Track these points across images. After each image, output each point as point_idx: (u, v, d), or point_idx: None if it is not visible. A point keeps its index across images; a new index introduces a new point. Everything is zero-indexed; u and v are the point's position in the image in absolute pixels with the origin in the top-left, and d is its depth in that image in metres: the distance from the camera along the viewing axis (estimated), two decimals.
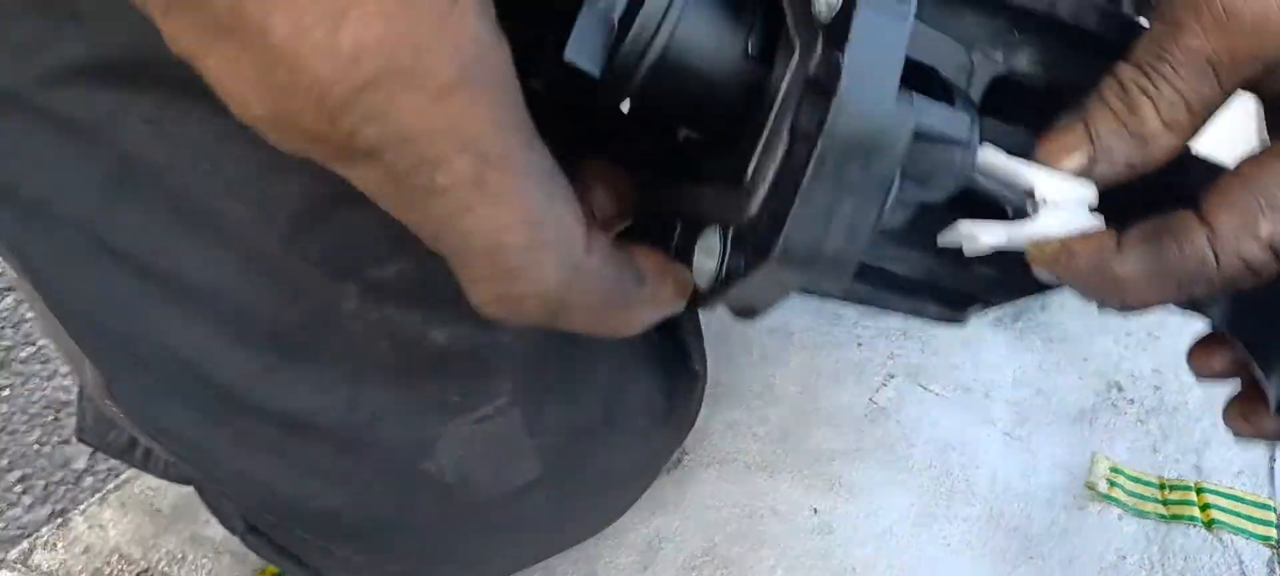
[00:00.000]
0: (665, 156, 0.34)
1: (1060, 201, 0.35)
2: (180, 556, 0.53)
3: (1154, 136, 0.34)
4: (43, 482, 0.77)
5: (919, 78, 0.30)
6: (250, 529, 0.47)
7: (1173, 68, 0.34)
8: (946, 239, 0.34)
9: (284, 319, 0.39)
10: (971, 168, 0.33)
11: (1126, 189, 0.36)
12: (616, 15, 0.29)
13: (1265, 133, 0.37)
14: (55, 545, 0.53)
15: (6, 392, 0.83)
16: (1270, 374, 0.36)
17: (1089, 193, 0.35)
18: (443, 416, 0.42)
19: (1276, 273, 0.33)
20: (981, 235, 0.34)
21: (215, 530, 0.54)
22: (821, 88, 0.27)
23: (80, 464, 0.77)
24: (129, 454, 0.48)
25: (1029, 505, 0.54)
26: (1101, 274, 0.34)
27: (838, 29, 0.27)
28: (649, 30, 0.29)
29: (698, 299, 0.31)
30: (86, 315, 0.40)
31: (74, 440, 0.53)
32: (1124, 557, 0.53)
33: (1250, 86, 0.35)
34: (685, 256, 0.31)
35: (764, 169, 0.29)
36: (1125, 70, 0.35)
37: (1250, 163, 0.33)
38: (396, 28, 0.23)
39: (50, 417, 0.81)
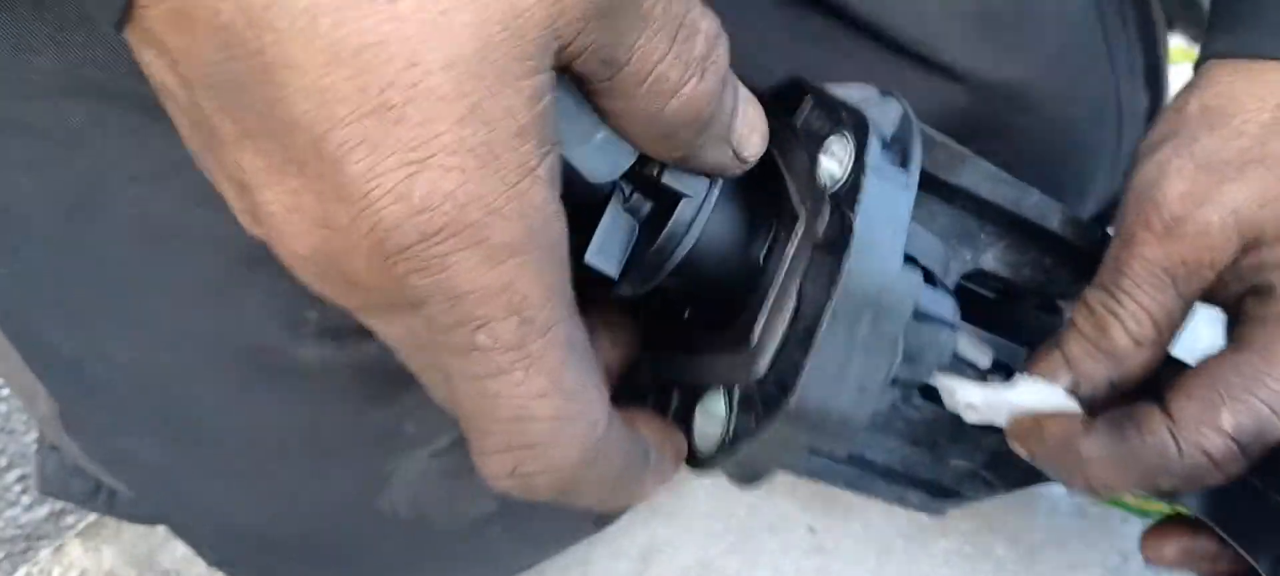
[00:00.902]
0: (667, 327, 0.35)
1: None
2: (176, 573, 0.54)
3: (1126, 354, 0.36)
4: None
5: (907, 261, 0.31)
6: (221, 559, 0.47)
7: (1133, 282, 0.36)
8: (939, 382, 0.36)
9: (246, 340, 0.39)
10: (953, 351, 0.34)
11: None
12: (640, 219, 0.30)
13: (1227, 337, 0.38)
14: (50, 572, 0.53)
15: (6, 392, 0.83)
16: (1259, 557, 0.36)
17: (1067, 404, 0.36)
18: (398, 448, 0.41)
19: (1240, 467, 0.33)
20: (959, 391, 0.36)
21: None
22: (832, 248, 0.28)
23: None
24: (93, 500, 0.48)
25: (1030, 515, 0.53)
26: (1068, 453, 0.35)
27: (847, 194, 0.29)
28: (675, 240, 0.29)
29: (699, 462, 0.31)
30: (42, 338, 0.40)
31: None
32: (1126, 559, 0.53)
33: (1208, 296, 0.36)
34: (683, 420, 0.31)
35: (773, 329, 0.29)
36: (1091, 293, 0.37)
37: (1213, 359, 0.35)
38: (471, 185, 0.23)
39: None
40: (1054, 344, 0.37)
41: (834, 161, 0.30)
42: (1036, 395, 0.37)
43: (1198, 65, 0.41)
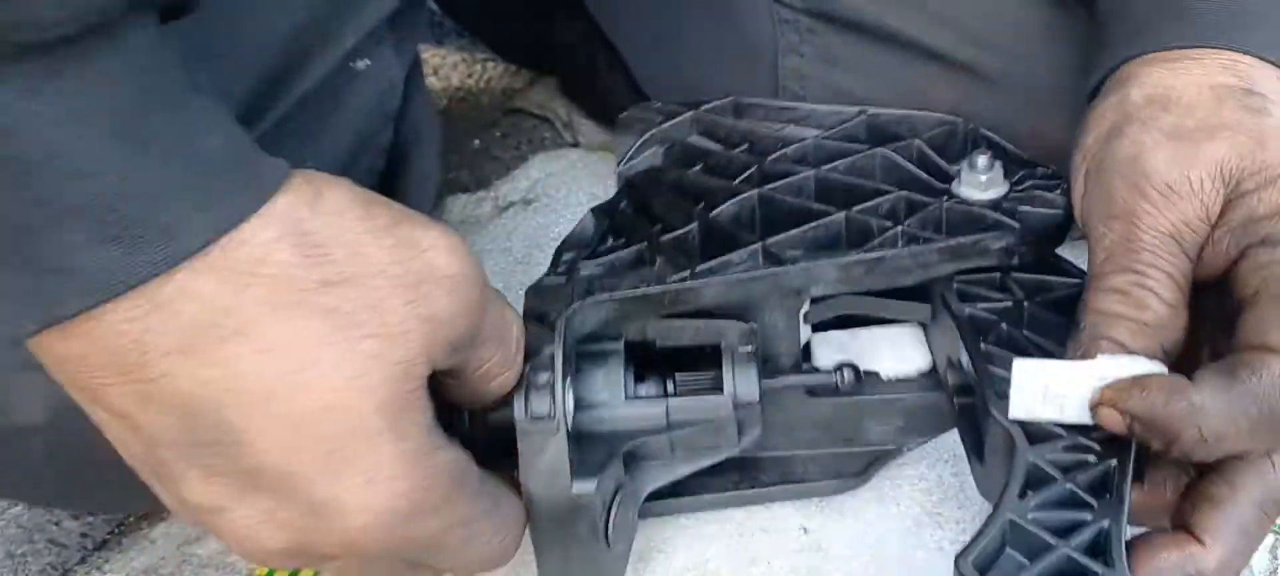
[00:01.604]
0: None
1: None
2: (169, 573, 0.54)
3: (1167, 320, 0.39)
4: None
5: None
6: None
7: (1151, 253, 0.38)
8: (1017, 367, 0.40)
9: None
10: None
11: None
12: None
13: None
14: None
15: None
16: None
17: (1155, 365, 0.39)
18: None
19: None
20: (1042, 373, 0.39)
21: (202, 547, 0.55)
22: None
23: None
24: None
25: None
26: (1176, 406, 0.36)
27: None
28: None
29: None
30: None
31: None
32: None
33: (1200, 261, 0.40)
34: None
35: None
36: (1113, 279, 0.39)
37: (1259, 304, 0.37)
38: (412, 479, 0.33)
39: None
40: (1088, 339, 0.39)
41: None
42: (1122, 367, 0.38)
43: (1106, 76, 0.45)
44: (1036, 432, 0.40)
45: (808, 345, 0.51)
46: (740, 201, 0.50)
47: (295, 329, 0.29)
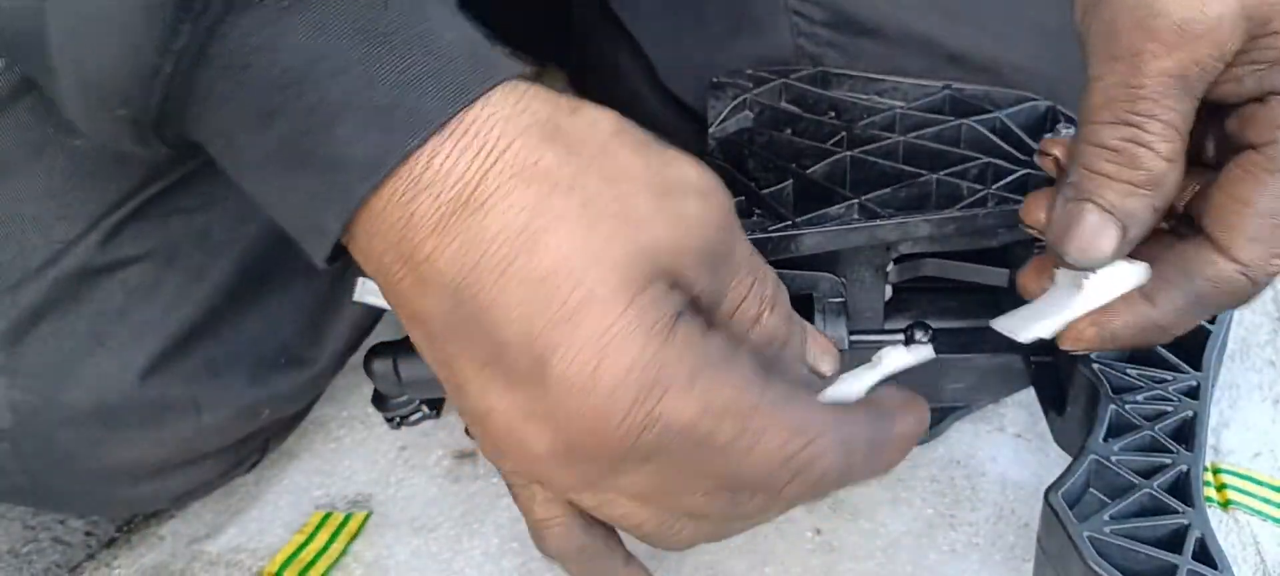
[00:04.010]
0: None
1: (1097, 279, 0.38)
2: (179, 570, 0.54)
3: (1163, 176, 0.35)
4: None
5: None
6: None
7: (1152, 101, 0.34)
8: (998, 325, 0.40)
9: None
10: None
11: None
12: None
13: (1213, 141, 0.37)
14: None
15: None
16: None
17: (1136, 273, 0.37)
18: None
19: None
20: (1021, 331, 0.39)
21: (212, 544, 0.55)
22: None
23: None
24: None
25: (1042, 502, 0.53)
26: (1143, 328, 0.37)
27: None
28: None
29: None
30: None
31: None
32: None
33: (1208, 92, 0.35)
34: None
35: None
36: (1105, 131, 0.35)
37: (1244, 185, 0.34)
38: (647, 351, 0.30)
39: None
40: (1081, 197, 0.36)
41: None
42: (1111, 280, 0.37)
43: None
44: (1120, 384, 0.44)
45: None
46: (833, 161, 0.51)
47: (538, 200, 0.30)
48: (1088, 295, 0.37)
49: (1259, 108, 0.35)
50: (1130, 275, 0.37)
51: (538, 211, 0.30)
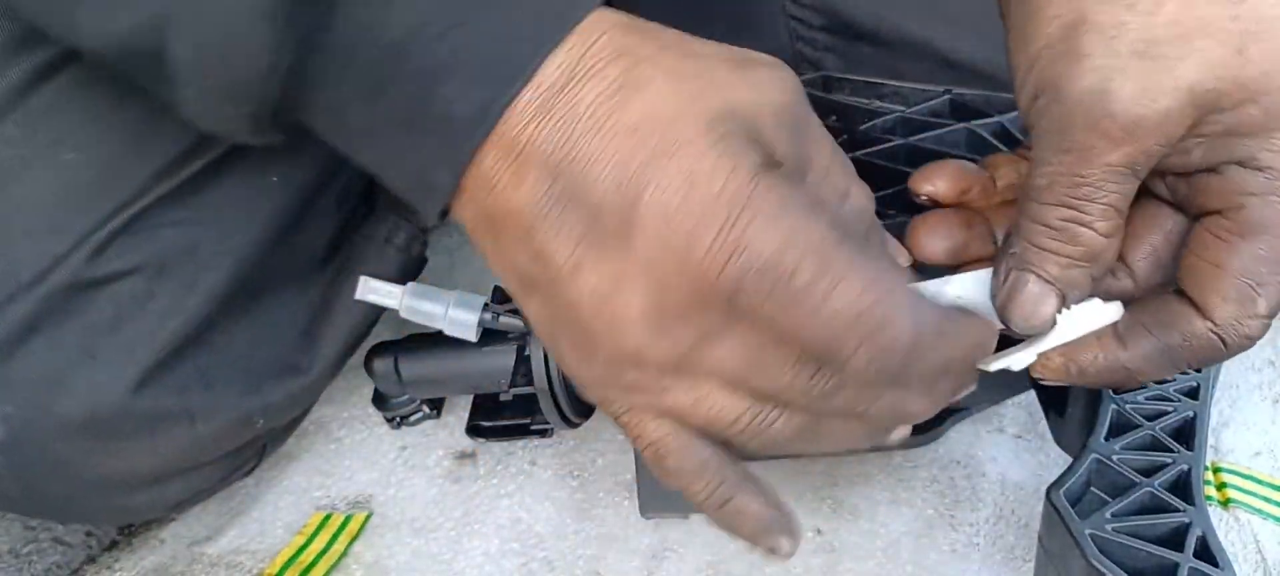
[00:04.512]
0: None
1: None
2: (180, 572, 0.54)
3: (1102, 250, 0.36)
4: None
5: None
6: None
7: (1094, 188, 0.35)
8: (991, 365, 0.39)
9: None
10: None
11: None
12: None
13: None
14: None
15: None
16: None
17: (1109, 313, 0.38)
18: None
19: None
20: (990, 360, 0.38)
21: (212, 546, 0.55)
22: None
23: None
24: None
25: (1042, 502, 0.53)
26: (1111, 368, 0.37)
27: None
28: None
29: None
30: None
31: None
32: None
33: (1158, 168, 0.36)
34: None
35: None
36: (1046, 212, 0.36)
37: (1216, 249, 0.35)
38: (737, 188, 0.31)
39: None
40: (1014, 271, 0.37)
41: None
42: (1083, 318, 0.38)
43: None
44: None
45: None
46: None
47: (629, 71, 0.32)
48: (1058, 330, 0.37)
49: (1213, 178, 0.35)
50: (1103, 314, 0.37)
51: (627, 78, 0.32)
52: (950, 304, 0.37)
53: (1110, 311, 0.38)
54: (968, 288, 0.39)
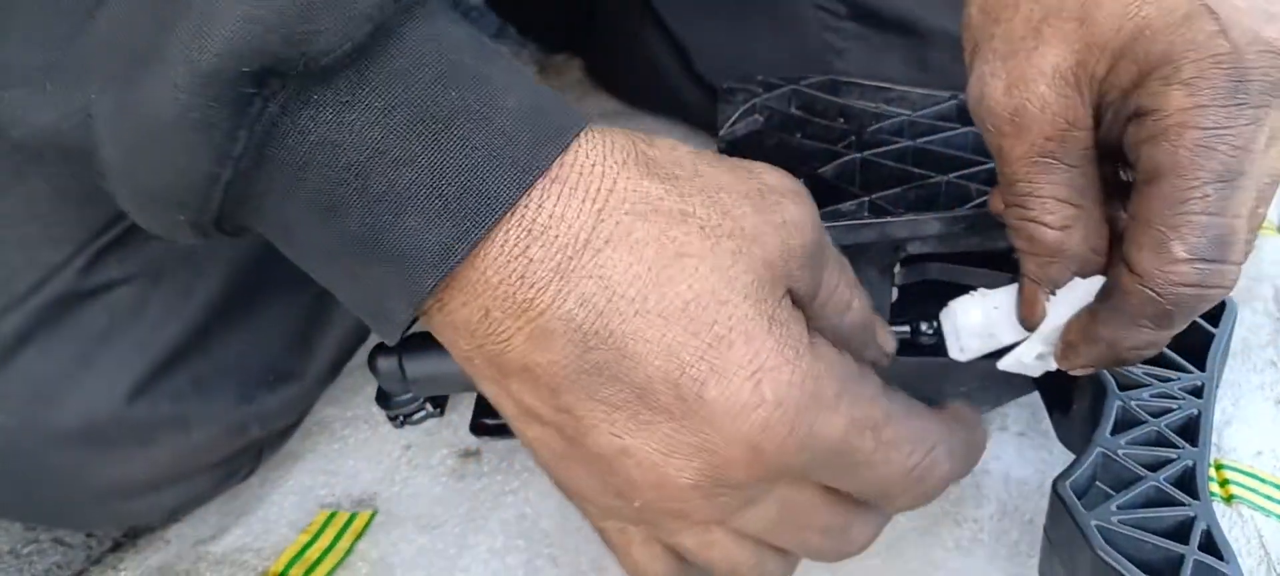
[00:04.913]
0: None
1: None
2: (184, 571, 0.54)
3: (1064, 243, 0.37)
4: None
5: None
6: None
7: (1025, 182, 0.37)
8: (1006, 365, 0.42)
9: None
10: None
11: None
12: None
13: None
14: None
15: None
16: None
17: (1088, 287, 0.38)
18: None
19: (1232, 275, 0.34)
20: (1024, 358, 0.41)
21: (217, 544, 0.55)
22: None
23: None
24: None
25: (1045, 498, 0.53)
26: (1093, 344, 0.38)
27: None
28: None
29: None
30: None
31: None
32: None
33: (1108, 145, 0.37)
34: None
35: None
36: (1007, 216, 0.38)
37: (1143, 200, 0.35)
38: (797, 370, 0.31)
39: None
40: (1022, 278, 0.39)
41: None
42: (1066, 299, 0.38)
43: None
44: (1126, 381, 0.45)
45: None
46: (843, 162, 0.51)
47: (658, 231, 0.31)
48: (1049, 317, 0.39)
49: (1124, 137, 0.36)
50: (1086, 290, 0.38)
51: (661, 244, 0.30)
52: (988, 314, 0.40)
53: (1094, 286, 0.38)
54: (1001, 299, 0.40)
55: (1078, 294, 0.38)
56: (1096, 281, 0.38)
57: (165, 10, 0.27)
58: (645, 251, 0.30)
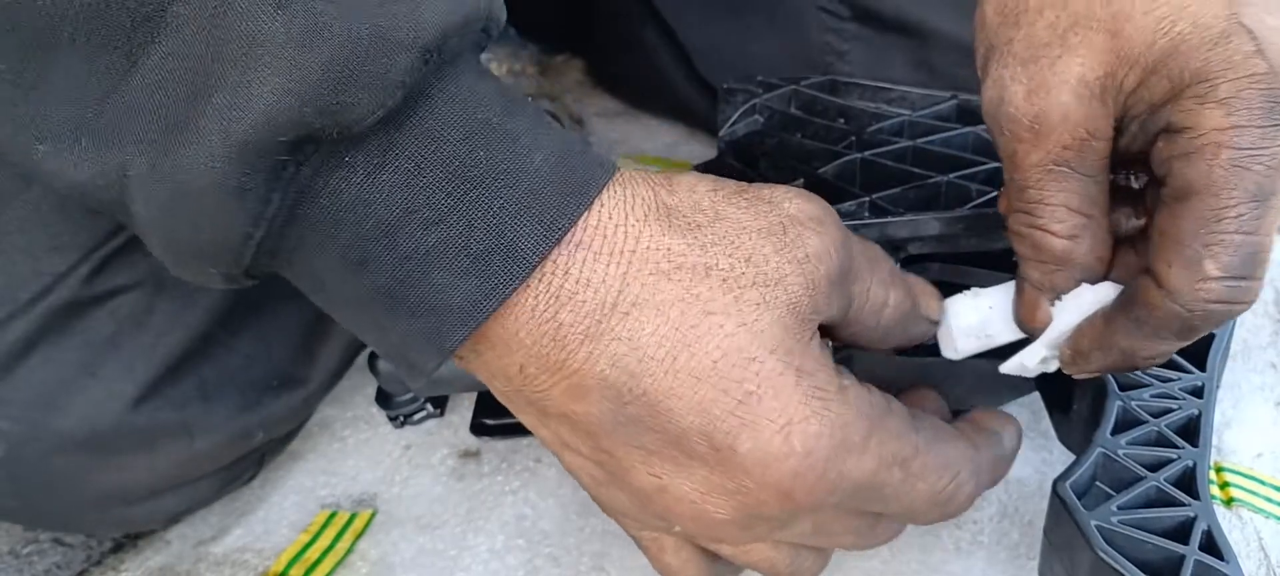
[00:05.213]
0: None
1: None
2: (185, 572, 0.54)
3: (1071, 252, 0.37)
4: None
5: None
6: None
7: (1036, 190, 0.37)
8: (1008, 368, 0.42)
9: None
10: None
11: None
12: None
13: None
14: None
15: None
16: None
17: (1103, 293, 0.38)
18: None
19: (1256, 291, 0.34)
20: (1027, 361, 0.41)
21: (218, 545, 0.55)
22: None
23: None
24: None
25: (1045, 500, 0.53)
26: (1106, 352, 0.38)
27: None
28: None
29: None
30: None
31: None
32: None
33: (1129, 159, 0.37)
34: None
35: None
36: (1012, 222, 0.38)
37: (1175, 216, 0.34)
38: (825, 419, 0.32)
39: None
40: (1021, 280, 0.39)
41: None
42: (1074, 305, 0.38)
43: None
44: (1127, 381, 0.45)
45: None
46: (843, 162, 0.51)
47: (683, 289, 0.31)
48: (1057, 322, 0.39)
49: (1151, 151, 0.36)
50: (1096, 296, 0.38)
51: (686, 304, 0.31)
52: (982, 313, 0.40)
53: (1103, 292, 0.38)
54: (996, 298, 0.40)
55: (1084, 300, 0.38)
56: (1104, 287, 0.38)
57: (200, 79, 0.27)
58: (671, 312, 0.31)
